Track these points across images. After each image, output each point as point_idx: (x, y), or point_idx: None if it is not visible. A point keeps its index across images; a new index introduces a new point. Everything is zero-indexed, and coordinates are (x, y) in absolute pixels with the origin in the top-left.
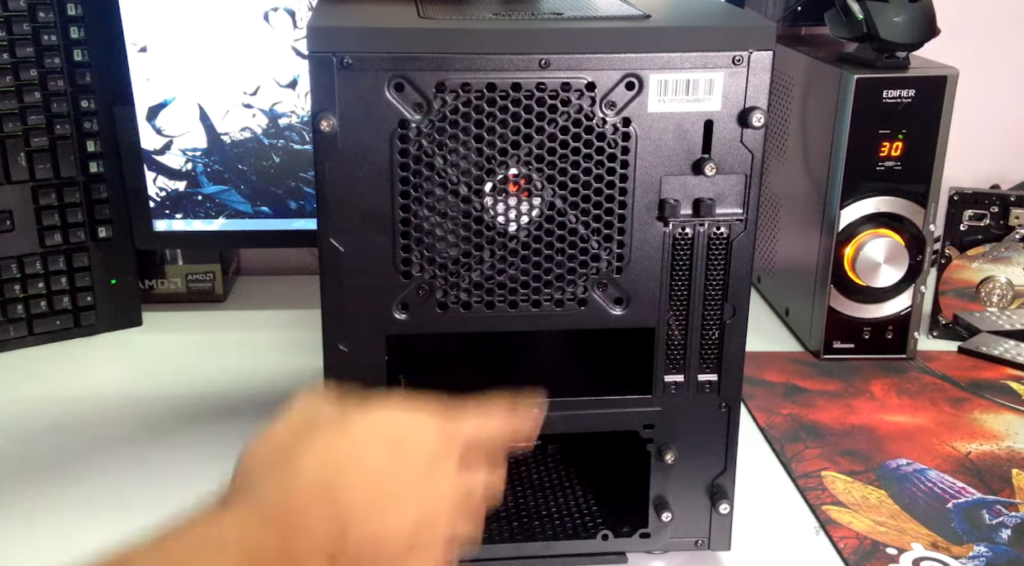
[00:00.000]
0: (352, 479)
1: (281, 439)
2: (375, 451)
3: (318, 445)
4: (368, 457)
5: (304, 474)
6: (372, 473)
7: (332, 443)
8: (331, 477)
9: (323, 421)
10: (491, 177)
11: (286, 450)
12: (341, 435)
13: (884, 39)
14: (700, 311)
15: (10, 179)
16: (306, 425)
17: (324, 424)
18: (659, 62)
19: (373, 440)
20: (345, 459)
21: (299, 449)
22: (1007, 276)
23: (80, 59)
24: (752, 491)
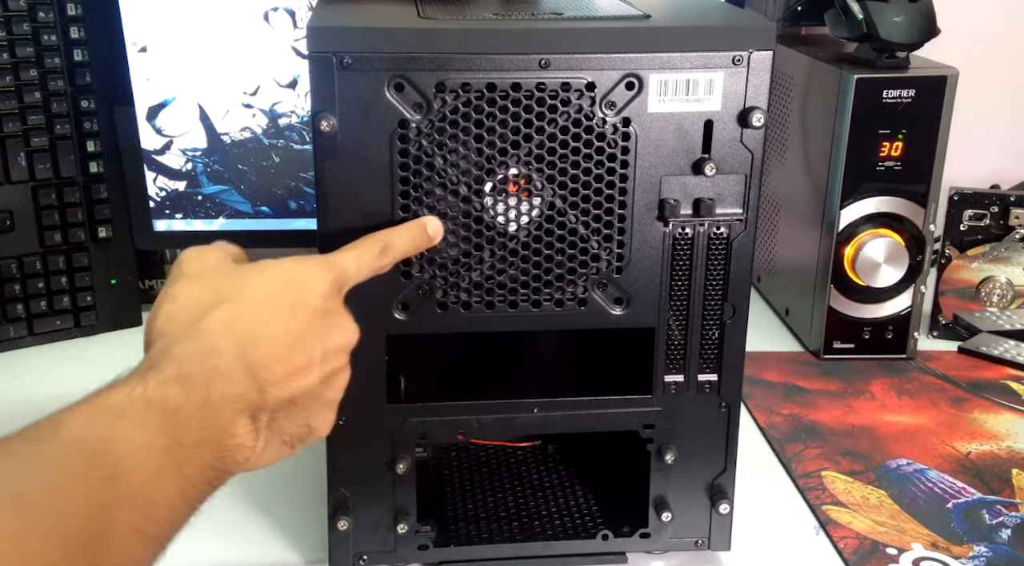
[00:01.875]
0: (261, 342)
1: (184, 305)
2: (276, 310)
3: (221, 313)
4: (271, 318)
5: (216, 335)
6: (278, 333)
7: (235, 310)
8: (243, 339)
9: (220, 288)
10: (491, 177)
11: (192, 314)
12: (242, 300)
13: (884, 39)
14: (700, 311)
15: (10, 179)
16: (204, 292)
17: (221, 291)
18: (659, 62)
19: (272, 299)
20: (251, 323)
21: (204, 316)
22: (1007, 276)
23: (80, 59)
24: (752, 491)
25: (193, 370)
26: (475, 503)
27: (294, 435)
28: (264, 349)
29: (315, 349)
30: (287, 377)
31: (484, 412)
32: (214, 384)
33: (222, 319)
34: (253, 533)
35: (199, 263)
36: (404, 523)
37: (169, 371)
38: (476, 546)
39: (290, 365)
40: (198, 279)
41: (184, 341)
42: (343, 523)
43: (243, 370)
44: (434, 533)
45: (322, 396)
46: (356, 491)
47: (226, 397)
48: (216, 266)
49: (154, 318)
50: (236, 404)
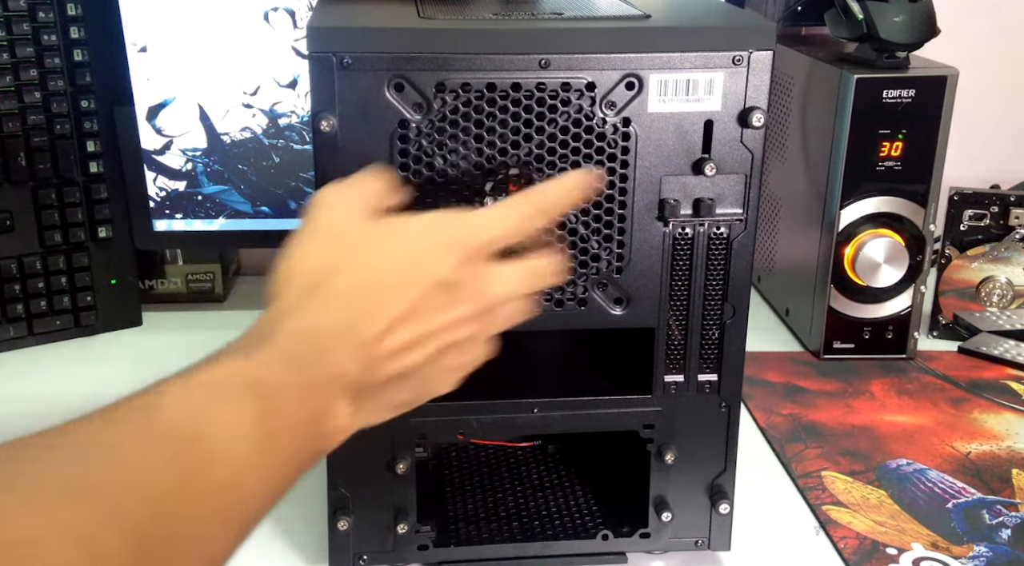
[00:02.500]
0: (375, 316)
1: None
2: (395, 285)
3: (340, 282)
4: (388, 292)
5: (330, 316)
6: (395, 308)
7: (353, 281)
8: (356, 316)
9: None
10: (491, 177)
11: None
12: (362, 271)
13: (884, 39)
14: (700, 311)
15: (10, 179)
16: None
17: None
18: (659, 62)
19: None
20: (367, 297)
21: (324, 284)
22: (1007, 276)
23: (80, 59)
24: (752, 491)
25: (300, 348)
26: (475, 503)
27: (405, 401)
28: (376, 324)
29: (431, 323)
30: (396, 353)
31: (484, 412)
32: (320, 363)
33: (339, 289)
34: (253, 533)
35: (334, 215)
36: (404, 523)
37: (275, 350)
38: (476, 546)
39: (401, 339)
40: (326, 236)
41: (297, 312)
42: (343, 523)
43: (352, 347)
44: (434, 533)
45: (441, 365)
46: (356, 491)
47: (329, 377)
48: (347, 222)
49: (281, 266)
50: (338, 384)
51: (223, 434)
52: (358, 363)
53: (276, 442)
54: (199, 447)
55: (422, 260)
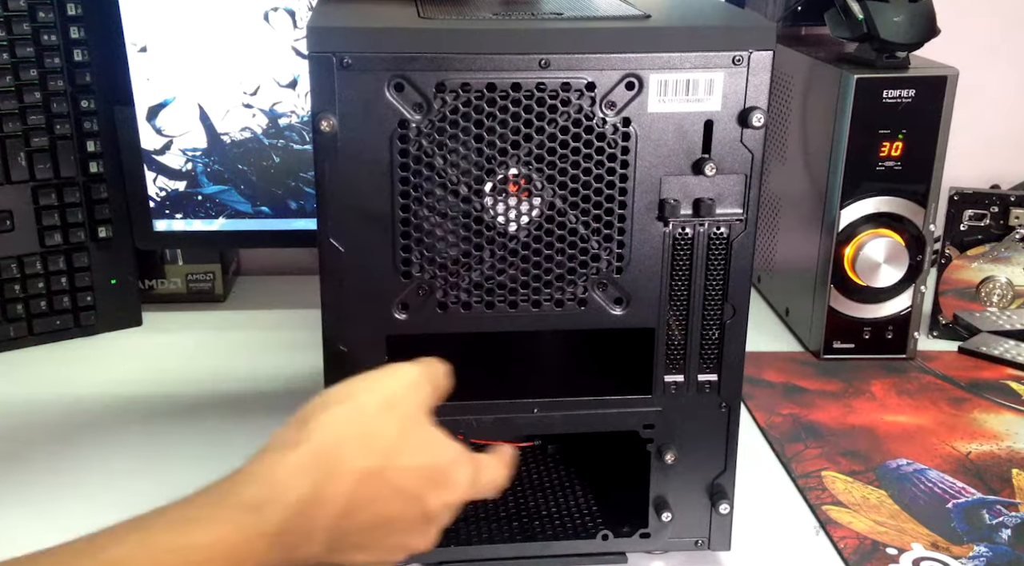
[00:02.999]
0: (369, 512)
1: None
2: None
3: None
4: (396, 494)
5: (338, 492)
6: (387, 511)
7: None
8: (357, 503)
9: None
10: (491, 177)
11: (350, 444)
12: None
13: (884, 39)
14: (700, 311)
15: (10, 179)
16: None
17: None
18: (659, 62)
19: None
20: (378, 490)
21: (358, 452)
22: (1007, 276)
23: (80, 59)
24: (752, 491)
25: (293, 526)
26: (475, 503)
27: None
28: (363, 519)
29: (391, 539)
30: (351, 549)
31: (484, 412)
32: (300, 546)
33: (363, 468)
34: None
35: (403, 393)
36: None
37: (271, 524)
38: (476, 546)
39: (364, 541)
40: (387, 412)
41: (312, 474)
42: None
43: (332, 533)
44: None
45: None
46: None
47: (297, 558)
48: (409, 411)
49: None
50: (301, 560)
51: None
52: (324, 547)
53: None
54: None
55: (434, 485)
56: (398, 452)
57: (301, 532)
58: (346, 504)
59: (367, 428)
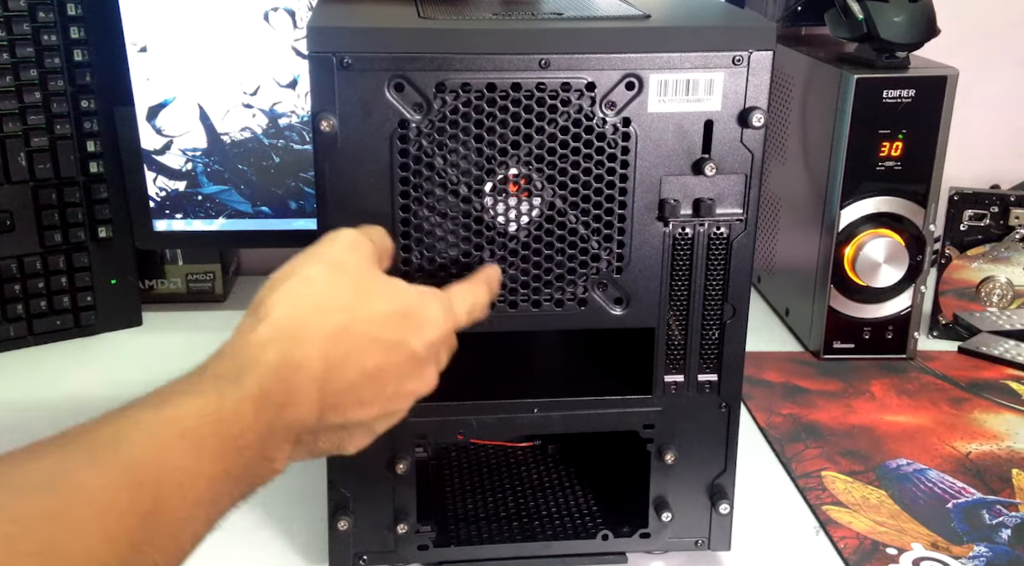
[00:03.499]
0: (349, 367)
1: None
2: (380, 340)
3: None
4: (371, 346)
5: (313, 352)
6: (369, 363)
7: (345, 325)
8: (334, 360)
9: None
10: (491, 177)
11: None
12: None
13: (884, 39)
14: (700, 311)
15: (10, 179)
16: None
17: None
18: (659, 62)
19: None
20: (351, 345)
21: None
22: (1007, 276)
23: (80, 59)
24: (752, 491)
25: (274, 387)
26: (475, 503)
27: (324, 450)
28: (347, 375)
29: (387, 388)
30: (350, 406)
31: (484, 412)
32: (285, 410)
33: (330, 327)
34: (253, 533)
35: (349, 255)
36: (404, 523)
37: (250, 387)
38: (476, 546)
39: (359, 396)
40: (338, 274)
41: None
42: (343, 523)
43: (317, 392)
44: (434, 533)
45: (368, 427)
46: (356, 491)
47: (288, 424)
48: (359, 266)
49: (279, 282)
50: (292, 429)
51: (184, 477)
52: (316, 412)
53: (222, 486)
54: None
55: (411, 325)
56: (358, 305)
57: (284, 392)
58: (323, 364)
59: (320, 291)
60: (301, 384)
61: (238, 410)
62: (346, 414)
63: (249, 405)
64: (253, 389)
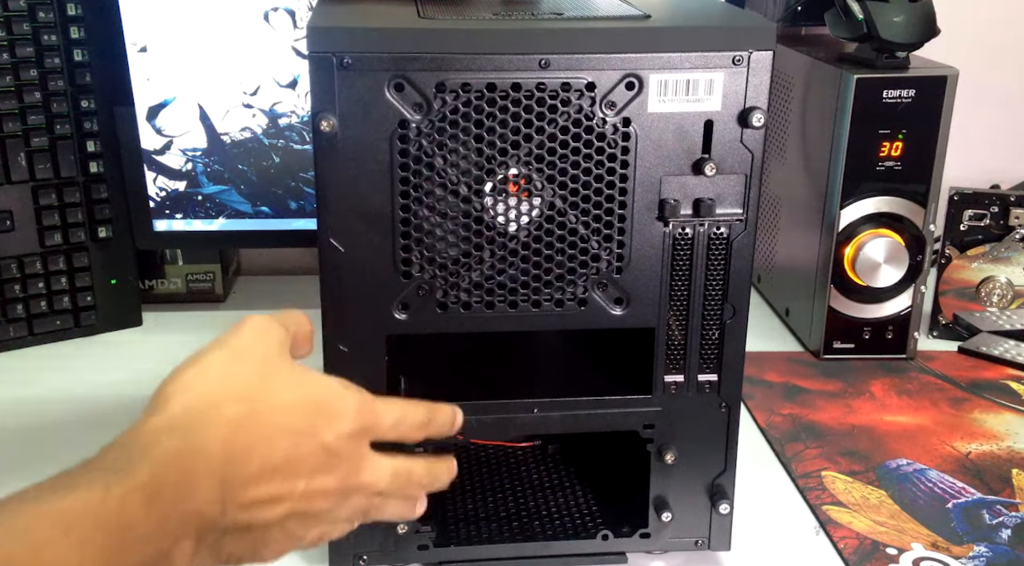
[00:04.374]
0: (253, 458)
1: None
2: (286, 431)
3: (238, 409)
4: (276, 436)
5: (211, 443)
6: (275, 455)
7: (252, 411)
8: (236, 451)
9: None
10: (491, 177)
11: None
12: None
13: (884, 39)
14: (700, 311)
15: (10, 179)
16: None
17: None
18: (659, 62)
19: (290, 418)
20: (254, 435)
21: (219, 405)
22: (1007, 276)
23: (80, 59)
24: (752, 491)
25: (167, 478)
26: (475, 503)
27: (234, 555)
28: (251, 468)
29: (298, 484)
30: (255, 503)
31: (484, 412)
32: (181, 499)
33: (230, 417)
34: None
35: (252, 344)
36: (404, 523)
37: (139, 477)
38: (476, 546)
39: (266, 491)
40: (237, 361)
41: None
42: None
43: (217, 484)
44: (434, 533)
45: (284, 531)
46: None
47: (186, 514)
48: (264, 356)
49: (180, 372)
50: (190, 523)
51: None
52: (217, 504)
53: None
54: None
55: (321, 416)
56: (263, 393)
57: (178, 483)
58: (223, 453)
59: (220, 380)
60: (199, 474)
61: (125, 501)
62: (253, 512)
63: (138, 496)
64: (142, 478)
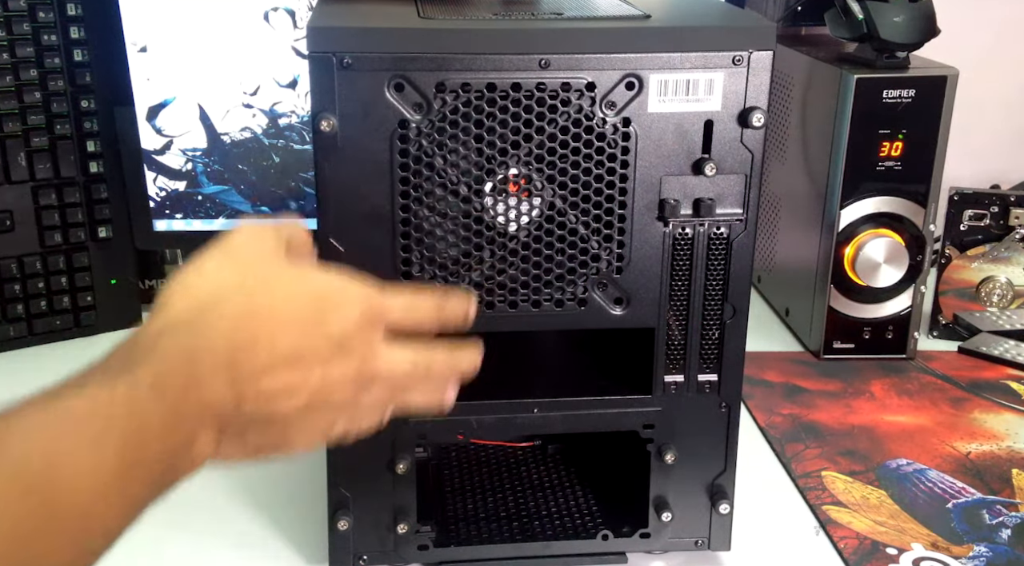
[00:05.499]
0: (260, 349)
1: (205, 284)
2: (291, 322)
3: (239, 303)
4: (282, 327)
5: (215, 336)
6: (282, 345)
7: (249, 307)
8: (241, 342)
9: (247, 279)
10: (491, 177)
11: (206, 297)
12: (262, 298)
13: (884, 39)
14: (700, 311)
15: (10, 179)
16: (230, 278)
17: (247, 283)
18: (659, 62)
19: (294, 309)
20: (258, 326)
21: (220, 302)
22: (1007, 276)
23: (80, 59)
24: (752, 491)
25: (173, 372)
26: (475, 503)
27: (265, 447)
28: (259, 358)
29: (312, 374)
30: (271, 394)
31: (484, 412)
32: (191, 390)
33: (231, 311)
34: (253, 533)
35: (246, 245)
36: (404, 523)
37: (143, 376)
38: (476, 546)
39: (279, 381)
40: (233, 261)
41: (180, 329)
42: (343, 523)
43: (227, 377)
44: (434, 533)
45: (307, 421)
46: (356, 491)
47: (199, 407)
48: (260, 254)
49: (175, 281)
50: (206, 415)
51: (80, 470)
52: (230, 397)
53: (135, 474)
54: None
55: (325, 306)
56: (264, 288)
57: (186, 376)
58: (228, 346)
59: (217, 280)
60: (205, 368)
61: (133, 398)
62: (270, 404)
63: (145, 393)
64: (148, 376)
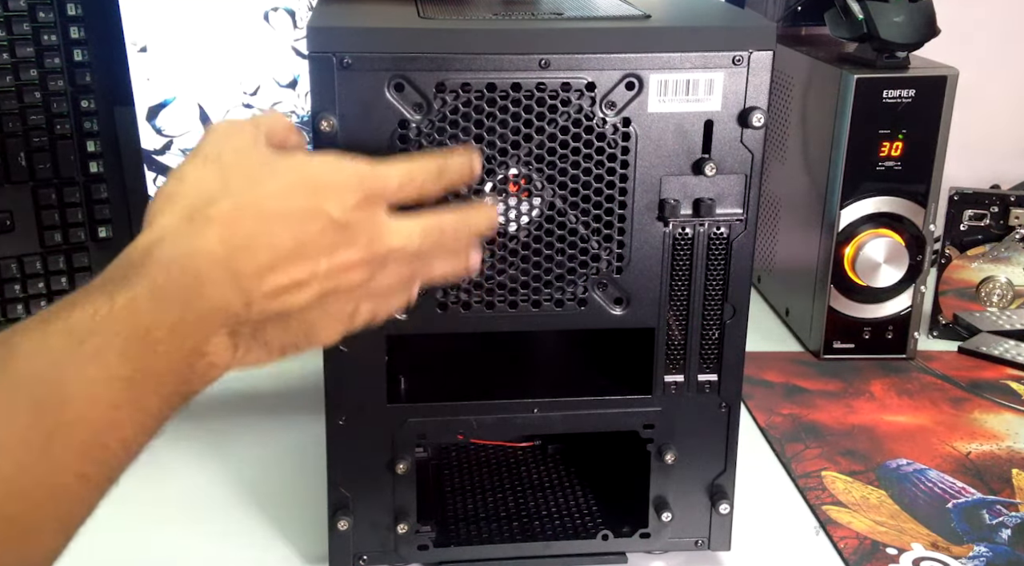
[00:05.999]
0: (258, 247)
1: (188, 189)
2: (286, 214)
3: (222, 208)
4: (278, 221)
5: (208, 241)
6: (282, 239)
7: (238, 207)
8: (237, 243)
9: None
10: (491, 177)
11: (192, 202)
12: (250, 197)
13: (884, 39)
14: (700, 311)
15: (10, 179)
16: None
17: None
18: (659, 62)
19: (287, 201)
20: (252, 225)
21: (207, 206)
22: (1007, 276)
23: (80, 59)
24: (752, 491)
25: (171, 280)
26: (475, 503)
27: (288, 344)
28: (259, 256)
29: (319, 263)
30: (279, 290)
31: (484, 412)
32: (192, 298)
33: (222, 213)
34: (253, 533)
35: (223, 143)
36: (404, 523)
37: (140, 286)
38: (476, 546)
39: (285, 277)
40: (213, 163)
41: (171, 238)
42: (343, 523)
43: (229, 279)
44: (434, 533)
45: (326, 312)
46: (356, 491)
47: (204, 312)
48: (240, 151)
49: (158, 194)
50: (214, 319)
51: (86, 384)
52: (236, 298)
53: (147, 385)
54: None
55: (320, 194)
56: (248, 185)
57: (185, 281)
58: (224, 248)
59: (202, 185)
60: (203, 272)
61: (133, 308)
62: (282, 300)
63: (144, 301)
64: (145, 286)
